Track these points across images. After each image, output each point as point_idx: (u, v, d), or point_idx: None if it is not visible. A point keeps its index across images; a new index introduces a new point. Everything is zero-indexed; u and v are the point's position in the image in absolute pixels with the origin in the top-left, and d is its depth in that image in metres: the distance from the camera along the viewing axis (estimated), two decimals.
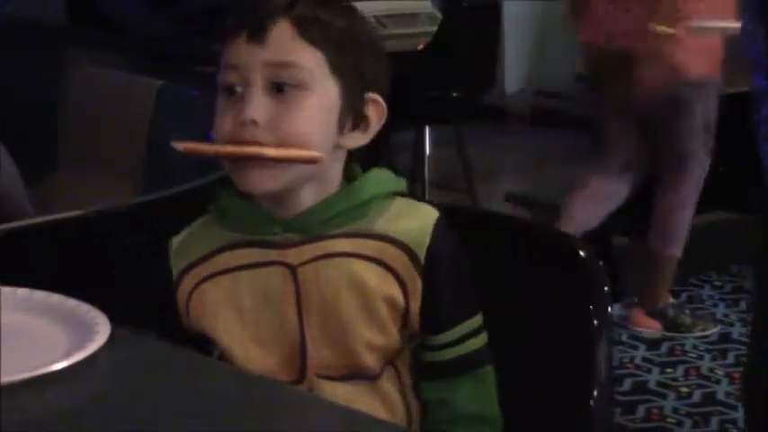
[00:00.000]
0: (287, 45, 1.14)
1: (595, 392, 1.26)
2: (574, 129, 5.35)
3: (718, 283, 3.64)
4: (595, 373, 1.27)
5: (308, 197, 1.18)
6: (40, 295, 1.19)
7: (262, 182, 1.15)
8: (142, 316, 1.22)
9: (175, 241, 1.24)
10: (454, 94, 4.23)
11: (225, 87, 1.16)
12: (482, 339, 1.21)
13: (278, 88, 1.14)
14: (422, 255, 1.18)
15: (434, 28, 4.26)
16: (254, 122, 1.11)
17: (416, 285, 1.18)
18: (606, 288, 1.28)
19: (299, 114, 1.14)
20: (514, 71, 5.98)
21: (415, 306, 1.18)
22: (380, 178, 1.23)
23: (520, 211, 3.73)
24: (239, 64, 1.15)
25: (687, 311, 3.04)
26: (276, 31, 1.14)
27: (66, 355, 1.04)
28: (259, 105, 1.12)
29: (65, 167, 3.01)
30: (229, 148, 1.14)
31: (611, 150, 3.04)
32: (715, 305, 3.45)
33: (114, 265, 1.48)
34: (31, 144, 2.91)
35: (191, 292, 1.20)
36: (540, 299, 1.31)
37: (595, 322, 1.26)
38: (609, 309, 1.28)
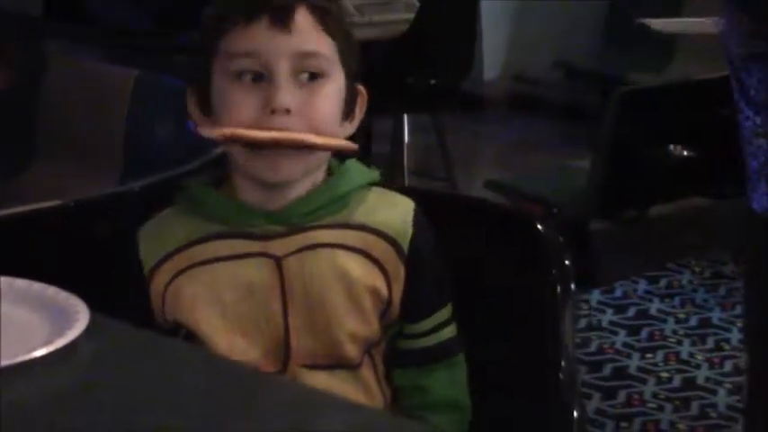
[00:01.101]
0: (310, 34, 1.15)
1: (563, 364, 1.28)
2: (551, 116, 5.44)
3: (697, 269, 3.63)
4: (561, 346, 1.29)
5: (299, 188, 1.19)
6: (20, 284, 1.18)
7: (291, 169, 1.16)
8: (120, 307, 1.18)
9: (142, 233, 1.23)
10: (432, 82, 4.21)
11: (237, 73, 1.15)
12: (454, 328, 1.23)
13: (302, 77, 1.14)
14: (405, 245, 1.19)
15: (412, 15, 4.16)
16: (288, 111, 1.12)
17: (399, 275, 1.19)
18: (567, 262, 1.30)
19: (323, 102, 1.15)
20: (492, 57, 5.84)
21: (397, 295, 1.20)
22: (358, 169, 1.24)
23: (500, 199, 3.48)
24: (260, 51, 1.14)
25: None
26: (298, 18, 1.14)
27: (47, 343, 1.04)
28: (290, 94, 1.12)
29: (43, 158, 2.97)
30: (274, 134, 1.13)
31: None
32: (694, 290, 3.45)
33: (93, 255, 1.43)
34: (8, 136, 2.88)
35: (166, 286, 1.19)
36: (505, 276, 1.33)
37: (558, 294, 1.28)
38: (571, 283, 1.30)
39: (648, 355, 2.99)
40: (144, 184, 1.90)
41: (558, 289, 1.29)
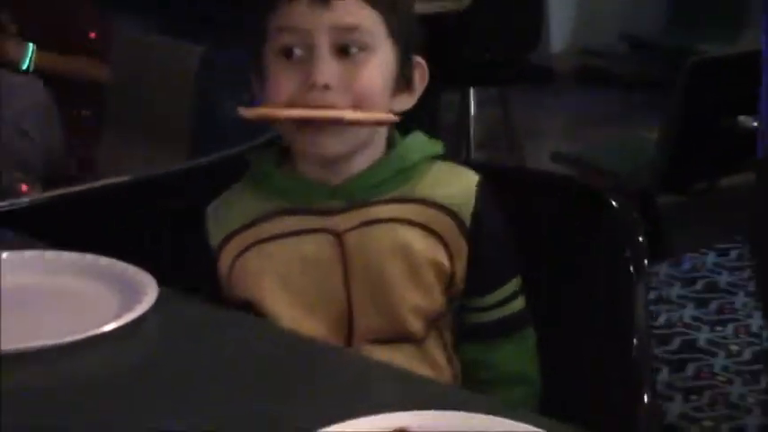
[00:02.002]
0: (351, 8, 1.14)
1: (635, 342, 1.24)
2: (619, 88, 5.47)
3: None
4: (634, 323, 1.27)
5: (359, 162, 1.18)
6: (89, 258, 1.20)
7: (334, 145, 1.15)
8: (187, 282, 1.20)
9: (210, 210, 1.23)
10: (498, 56, 4.16)
11: (282, 50, 1.14)
12: (522, 301, 1.22)
13: (344, 51, 1.13)
14: (467, 218, 1.18)
15: None
16: (327, 86, 1.11)
17: (462, 248, 1.18)
18: (640, 238, 1.27)
19: (366, 76, 1.13)
20: (559, 30, 5.84)
21: (461, 269, 1.18)
22: (420, 142, 1.22)
23: (567, 172, 3.55)
24: (301, 27, 1.13)
25: None
26: None
27: (116, 317, 1.06)
28: (329, 69, 1.11)
29: (114, 131, 3.05)
30: (306, 112, 1.13)
31: None
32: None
33: (162, 230, 1.48)
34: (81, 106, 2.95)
35: (233, 262, 1.19)
36: (576, 251, 1.30)
37: (632, 271, 1.25)
38: (645, 259, 1.26)
39: (718, 328, 2.96)
40: (211, 160, 1.96)
41: (632, 266, 1.26)
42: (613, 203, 1.29)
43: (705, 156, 3.06)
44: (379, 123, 1.16)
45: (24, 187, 2.48)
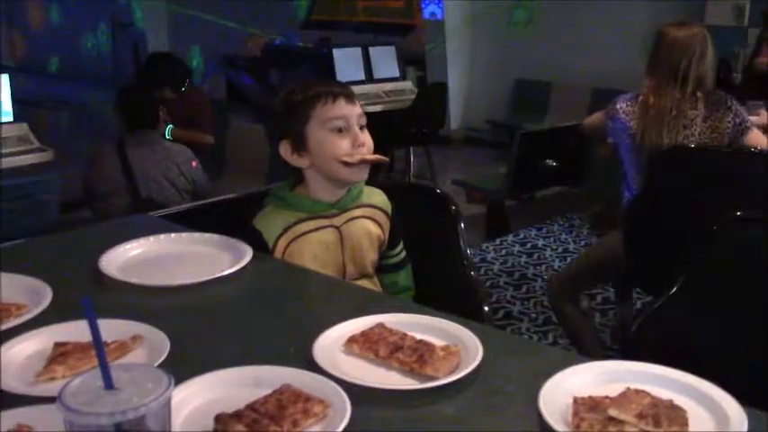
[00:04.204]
0: (359, 105, 1.50)
1: (462, 264, 1.63)
2: (485, 147, 7.12)
3: (565, 222, 4.62)
4: (460, 256, 1.63)
5: (344, 190, 1.52)
6: (210, 235, 1.46)
7: (366, 175, 1.50)
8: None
9: (256, 223, 1.50)
10: (424, 130, 5.83)
11: (335, 128, 1.46)
12: (404, 251, 1.61)
13: (361, 127, 1.49)
14: (389, 212, 1.56)
15: (414, 96, 5.99)
16: (364, 144, 1.47)
17: (386, 227, 1.56)
18: (453, 209, 1.65)
19: (369, 139, 1.50)
20: (454, 117, 7.70)
21: (386, 237, 1.57)
22: None
23: (459, 190, 4.60)
24: (345, 115, 1.47)
25: None
26: (354, 98, 1.50)
27: (230, 266, 1.31)
28: (361, 136, 1.47)
29: (228, 173, 4.36)
30: (371, 157, 1.46)
31: None
32: (562, 234, 4.45)
33: (249, 223, 1.56)
34: (211, 160, 3.90)
35: (284, 250, 1.48)
36: (432, 221, 1.69)
37: (456, 228, 1.64)
38: (461, 225, 1.63)
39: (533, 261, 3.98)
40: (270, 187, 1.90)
41: (455, 225, 1.65)
42: (448, 197, 1.68)
43: (529, 180, 4.17)
44: (383, 162, 1.48)
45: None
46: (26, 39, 13.54)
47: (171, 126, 3.79)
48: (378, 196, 1.56)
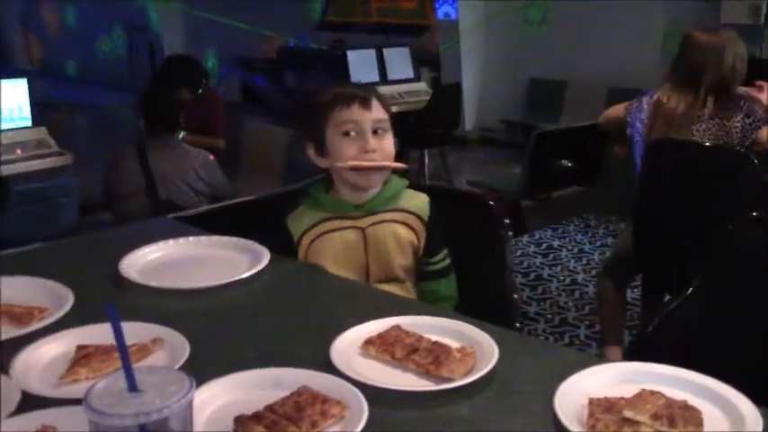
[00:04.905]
0: (378, 110, 1.49)
1: (505, 280, 1.58)
2: (500, 148, 7.12)
3: (583, 223, 4.53)
4: (505, 268, 1.58)
5: (372, 191, 1.51)
6: (229, 238, 1.46)
7: (376, 180, 1.50)
8: (281, 252, 1.41)
9: (289, 219, 1.53)
10: (439, 131, 5.79)
11: (345, 132, 1.47)
12: (449, 259, 1.56)
13: (376, 132, 1.48)
14: (425, 218, 1.53)
15: (428, 97, 5.95)
16: (374, 150, 1.46)
17: (422, 234, 1.53)
18: (506, 221, 1.59)
19: (387, 144, 1.49)
20: (468, 117, 7.60)
21: (421, 244, 1.53)
22: (399, 179, 1.52)
23: (474, 190, 3.79)
24: (357, 120, 1.46)
25: None
26: (372, 102, 1.49)
27: (248, 269, 1.31)
28: (373, 141, 1.47)
29: (243, 175, 4.18)
30: (372, 163, 1.44)
31: None
32: (578, 234, 4.36)
33: (268, 224, 1.60)
34: (226, 163, 3.71)
35: (308, 247, 1.50)
36: (473, 229, 1.64)
37: (502, 237, 1.57)
38: (509, 232, 1.58)
39: (554, 268, 3.86)
40: (290, 189, 2.10)
41: (501, 235, 1.60)
42: (491, 205, 1.61)
43: (544, 180, 4.13)
44: (399, 169, 1.47)
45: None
46: (42, 43, 13.68)
47: (184, 133, 3.73)
48: (417, 201, 1.56)
